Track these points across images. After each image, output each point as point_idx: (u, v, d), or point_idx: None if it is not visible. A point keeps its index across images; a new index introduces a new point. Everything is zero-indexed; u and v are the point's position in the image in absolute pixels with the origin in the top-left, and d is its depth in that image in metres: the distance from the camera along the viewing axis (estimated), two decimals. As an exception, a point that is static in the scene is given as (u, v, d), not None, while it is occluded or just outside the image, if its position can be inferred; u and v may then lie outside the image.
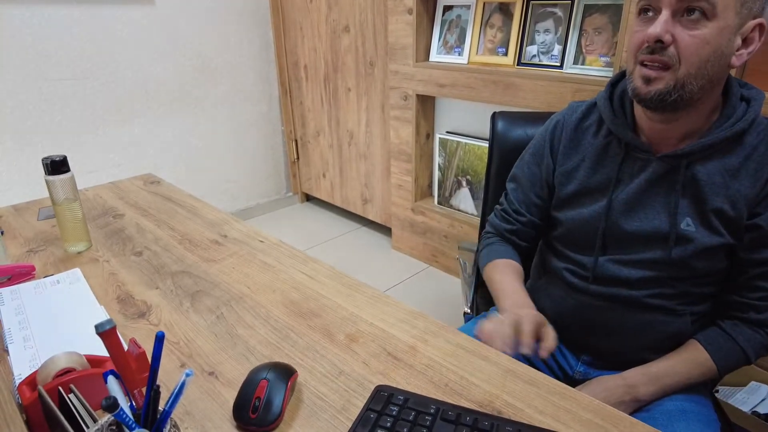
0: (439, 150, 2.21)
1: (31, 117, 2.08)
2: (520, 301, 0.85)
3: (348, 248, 2.63)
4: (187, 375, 0.43)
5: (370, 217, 2.75)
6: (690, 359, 0.79)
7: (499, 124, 1.12)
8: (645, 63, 0.70)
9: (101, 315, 0.79)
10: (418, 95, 2.15)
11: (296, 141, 3.05)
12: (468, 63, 2.01)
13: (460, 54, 2.04)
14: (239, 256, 0.97)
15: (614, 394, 0.78)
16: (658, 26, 0.66)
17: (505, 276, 0.91)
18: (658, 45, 0.67)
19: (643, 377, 0.79)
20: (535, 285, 0.96)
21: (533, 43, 1.83)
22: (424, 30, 2.10)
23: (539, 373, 0.66)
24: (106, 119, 2.30)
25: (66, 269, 0.93)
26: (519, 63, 1.86)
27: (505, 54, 1.91)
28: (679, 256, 0.76)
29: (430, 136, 2.28)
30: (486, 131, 2.09)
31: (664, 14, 0.67)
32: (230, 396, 0.62)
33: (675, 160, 0.75)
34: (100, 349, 0.69)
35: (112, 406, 0.42)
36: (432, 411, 0.57)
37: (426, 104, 2.21)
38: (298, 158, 3.09)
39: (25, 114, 2.06)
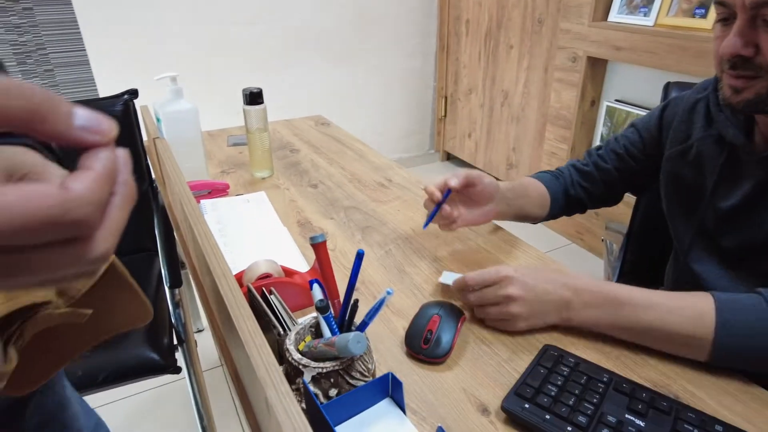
0: (605, 119, 2.04)
1: (219, 57, 2.33)
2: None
3: (485, 212, 2.60)
4: (389, 293, 0.47)
5: (513, 183, 2.66)
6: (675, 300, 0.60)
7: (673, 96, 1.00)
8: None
9: (285, 234, 0.88)
10: (589, 57, 1.99)
11: (446, 98, 3.02)
12: (654, 25, 1.79)
13: (646, 14, 1.83)
14: (404, 200, 1.00)
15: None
16: (733, 40, 0.57)
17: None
18: (738, 59, 0.58)
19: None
20: None
21: (745, 4, 1.57)
22: (607, -14, 1.91)
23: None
24: (272, 63, 2.49)
25: (253, 191, 1.05)
26: (722, 26, 1.62)
27: (704, 16, 1.67)
28: None
29: (595, 102, 2.11)
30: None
31: (740, 22, 0.57)
32: (399, 324, 0.66)
33: None
34: (283, 263, 0.77)
35: (324, 308, 0.47)
36: (605, 379, 0.55)
37: (596, 68, 2.04)
38: (445, 116, 3.08)
39: (213, 54, 2.31)
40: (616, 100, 2.02)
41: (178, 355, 1.13)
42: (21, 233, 0.20)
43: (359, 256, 0.50)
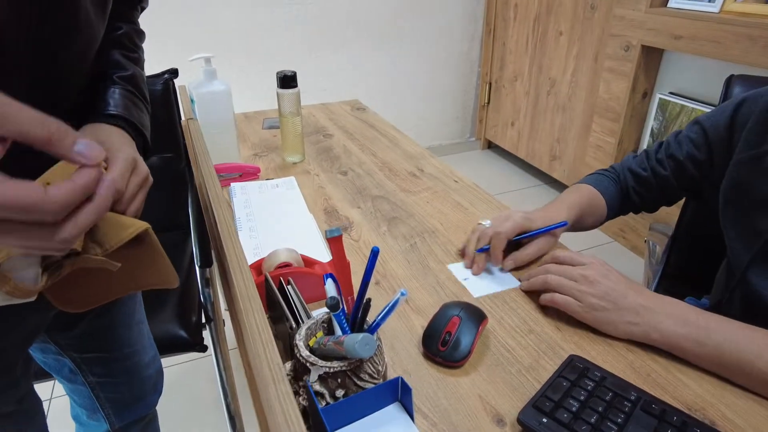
0: (657, 112, 1.93)
1: (262, 37, 2.33)
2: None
3: (526, 205, 2.52)
4: (402, 294, 0.44)
5: (555, 176, 2.57)
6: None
7: (736, 92, 0.92)
8: None
9: (311, 222, 0.86)
10: (643, 46, 1.88)
11: (490, 84, 2.94)
12: (720, 12, 1.67)
13: (711, 0, 1.70)
14: (434, 191, 0.97)
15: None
16: None
17: (570, 194, 0.85)
18: None
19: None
20: None
21: (824, -9, 1.43)
22: (670, -31, 1.79)
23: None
24: (320, 45, 2.47)
25: (283, 176, 1.04)
26: (796, 15, 1.49)
27: (777, 3, 1.53)
28: None
29: (647, 94, 2.00)
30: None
31: None
32: (418, 322, 0.63)
33: None
34: (306, 252, 0.76)
35: (335, 305, 0.45)
36: (632, 398, 0.51)
37: (651, 57, 1.92)
38: (488, 102, 3.00)
39: (257, 34, 2.32)
40: (671, 93, 1.90)
41: (206, 334, 1.16)
42: (9, 209, 0.30)
43: (374, 253, 0.48)
